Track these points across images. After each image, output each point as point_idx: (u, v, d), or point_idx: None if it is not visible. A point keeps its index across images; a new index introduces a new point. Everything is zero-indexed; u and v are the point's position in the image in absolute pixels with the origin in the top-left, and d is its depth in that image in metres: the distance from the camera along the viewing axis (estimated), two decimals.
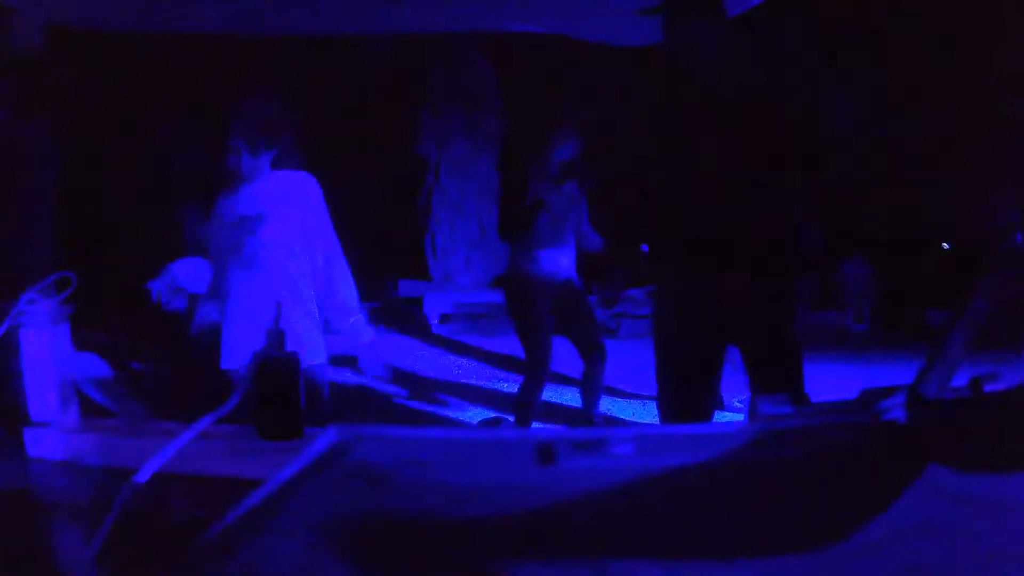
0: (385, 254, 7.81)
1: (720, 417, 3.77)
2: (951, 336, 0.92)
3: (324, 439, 0.91)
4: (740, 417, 4.27)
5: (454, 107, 9.10)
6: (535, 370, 3.86)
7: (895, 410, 0.91)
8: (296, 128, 2.64)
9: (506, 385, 4.84)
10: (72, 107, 5.03)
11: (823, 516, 0.76)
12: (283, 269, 2.45)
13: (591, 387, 3.95)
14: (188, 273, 2.44)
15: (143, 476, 0.91)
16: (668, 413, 2.33)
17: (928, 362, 0.90)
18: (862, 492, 0.80)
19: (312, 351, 2.44)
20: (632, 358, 4.50)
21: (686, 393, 2.30)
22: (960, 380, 0.92)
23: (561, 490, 0.83)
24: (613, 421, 4.14)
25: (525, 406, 3.88)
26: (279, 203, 2.49)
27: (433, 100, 9.09)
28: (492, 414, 4.43)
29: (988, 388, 0.93)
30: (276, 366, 1.41)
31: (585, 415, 3.98)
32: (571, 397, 4.52)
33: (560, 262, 3.85)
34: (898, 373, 1.12)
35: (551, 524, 0.78)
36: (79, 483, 1.38)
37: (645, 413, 4.19)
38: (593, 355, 3.93)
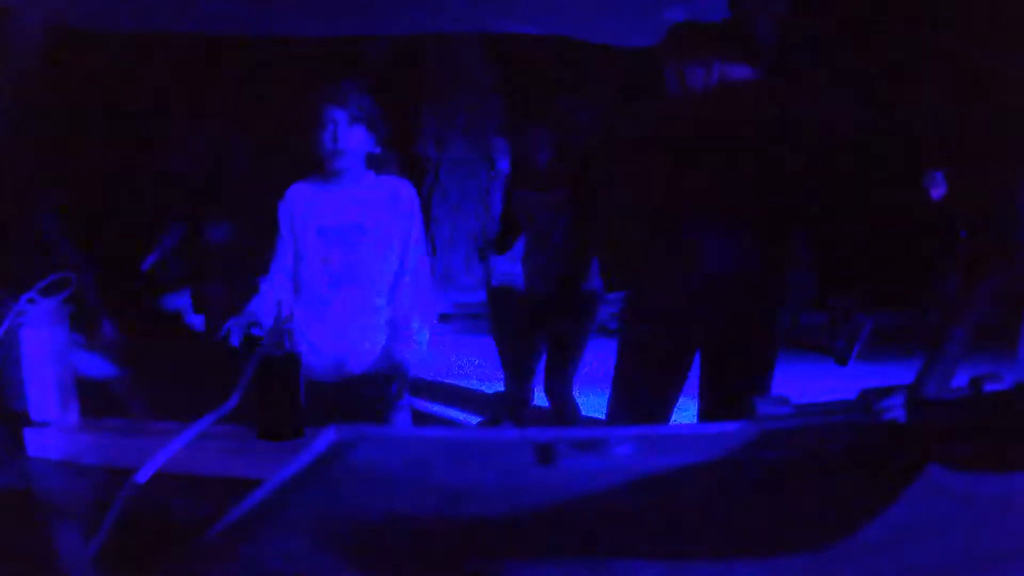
0: None
1: None
2: (951, 336, 0.92)
3: (324, 439, 0.91)
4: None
5: (454, 107, 9.10)
6: (510, 385, 3.81)
7: (895, 410, 0.91)
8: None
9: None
10: (71, 107, 5.03)
11: (823, 516, 0.76)
12: (376, 284, 2.23)
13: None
14: (267, 311, 2.13)
15: (143, 476, 0.91)
16: (619, 419, 2.12)
17: (928, 362, 0.90)
18: (862, 492, 0.80)
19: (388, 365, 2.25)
20: None
21: (645, 400, 2.11)
22: (960, 380, 0.92)
23: (561, 490, 0.83)
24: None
25: (510, 406, 3.92)
26: (378, 211, 2.23)
27: (433, 100, 9.09)
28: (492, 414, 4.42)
29: (988, 388, 0.93)
30: (276, 366, 1.41)
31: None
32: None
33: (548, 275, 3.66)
34: (898, 373, 1.12)
35: (551, 524, 0.78)
36: (79, 483, 1.38)
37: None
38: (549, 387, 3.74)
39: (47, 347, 1.50)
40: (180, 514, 1.15)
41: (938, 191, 6.00)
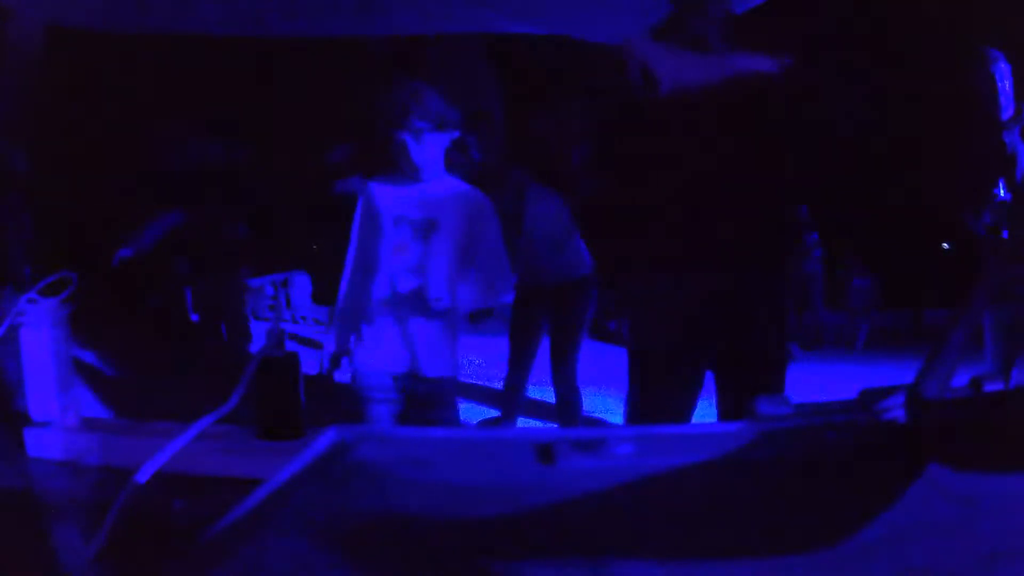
0: None
1: None
2: (951, 336, 0.92)
3: (324, 439, 0.91)
4: None
5: (454, 107, 9.08)
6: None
7: (895, 410, 0.91)
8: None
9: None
10: (71, 107, 5.03)
11: (823, 516, 0.76)
12: (444, 282, 2.18)
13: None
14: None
15: (143, 476, 0.91)
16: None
17: (928, 362, 0.90)
18: (862, 492, 0.80)
19: (441, 363, 2.26)
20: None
21: (663, 410, 2.04)
22: (960, 380, 0.92)
23: (561, 490, 0.83)
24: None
25: (506, 399, 4.06)
26: (453, 212, 2.22)
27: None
28: (493, 413, 4.43)
29: (988, 388, 0.93)
30: (276, 366, 1.41)
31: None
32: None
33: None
34: (898, 373, 1.12)
35: (551, 524, 0.78)
36: (79, 483, 1.38)
37: None
38: None
39: (47, 347, 1.50)
40: (180, 514, 1.15)
41: None
